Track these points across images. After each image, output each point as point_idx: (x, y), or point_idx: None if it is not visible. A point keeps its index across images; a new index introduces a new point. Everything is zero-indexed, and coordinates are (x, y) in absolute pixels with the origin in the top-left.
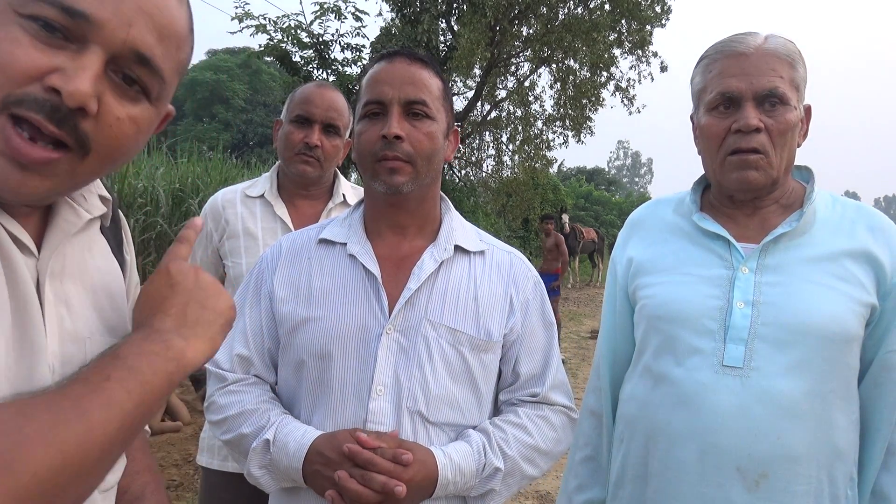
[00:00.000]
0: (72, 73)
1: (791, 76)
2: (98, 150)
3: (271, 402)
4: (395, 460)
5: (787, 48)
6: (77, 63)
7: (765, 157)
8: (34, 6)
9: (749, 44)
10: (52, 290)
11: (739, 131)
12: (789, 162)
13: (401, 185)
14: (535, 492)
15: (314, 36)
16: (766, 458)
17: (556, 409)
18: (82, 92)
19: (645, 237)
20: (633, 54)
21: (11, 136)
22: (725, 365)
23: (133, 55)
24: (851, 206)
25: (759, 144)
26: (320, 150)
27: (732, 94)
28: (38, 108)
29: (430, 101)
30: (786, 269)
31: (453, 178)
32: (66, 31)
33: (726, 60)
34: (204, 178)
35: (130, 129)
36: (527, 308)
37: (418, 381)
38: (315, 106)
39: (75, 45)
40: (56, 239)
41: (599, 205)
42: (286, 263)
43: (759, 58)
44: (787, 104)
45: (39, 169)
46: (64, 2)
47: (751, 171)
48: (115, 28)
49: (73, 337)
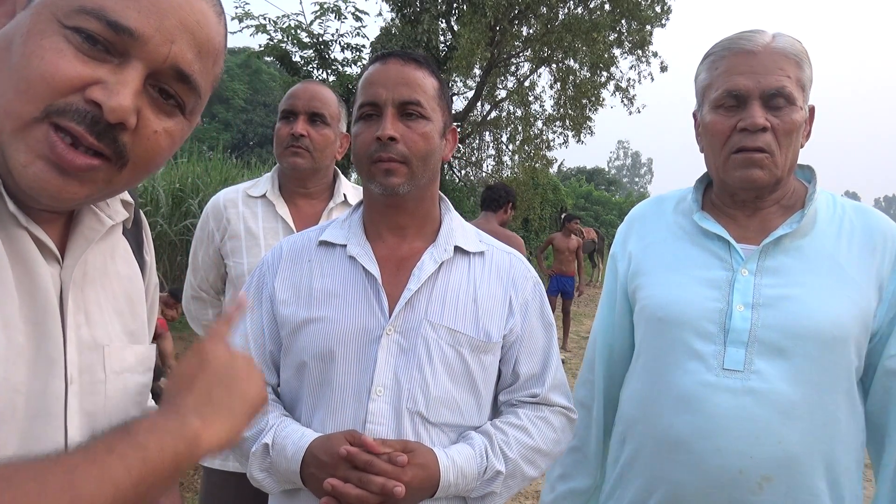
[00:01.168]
0: (113, 87)
1: (798, 76)
2: (135, 162)
3: (271, 404)
4: (389, 462)
5: (794, 47)
6: (118, 77)
7: (770, 157)
8: (79, 19)
9: (757, 42)
10: (73, 299)
11: (745, 130)
12: (793, 162)
13: (396, 187)
14: (535, 491)
15: (314, 36)
16: (768, 461)
17: (556, 409)
18: (124, 108)
19: (645, 235)
20: (633, 54)
21: (56, 143)
22: (726, 368)
23: (173, 72)
24: (853, 208)
25: (765, 144)
26: (308, 140)
27: (739, 92)
28: (80, 120)
29: (424, 101)
30: (786, 271)
31: (453, 178)
32: (109, 44)
33: (734, 58)
34: (204, 178)
35: (166, 143)
36: (526, 309)
37: (418, 383)
38: (297, 98)
39: (117, 59)
40: (80, 247)
41: (599, 205)
42: (287, 266)
43: (768, 56)
44: (794, 104)
45: (80, 175)
46: (109, 16)
47: (756, 169)
48: (158, 44)
49: (91, 345)
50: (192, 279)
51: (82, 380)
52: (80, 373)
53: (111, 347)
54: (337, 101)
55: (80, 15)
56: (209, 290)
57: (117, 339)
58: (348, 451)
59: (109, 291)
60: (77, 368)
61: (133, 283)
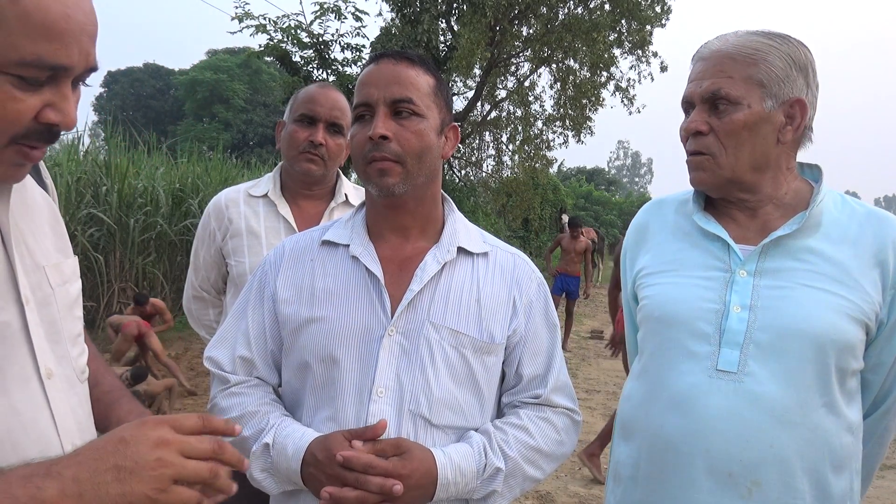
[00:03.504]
0: (61, 106)
1: (748, 74)
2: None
3: (272, 405)
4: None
5: (748, 46)
6: (60, 95)
7: (711, 158)
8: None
9: (711, 47)
10: (14, 236)
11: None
12: (756, 161)
13: (392, 187)
14: (535, 492)
15: (314, 36)
16: (758, 465)
17: (559, 410)
18: (74, 121)
19: (648, 238)
20: (633, 54)
21: (27, 153)
22: (719, 369)
23: (88, 71)
24: (862, 210)
25: (704, 146)
26: (325, 149)
27: (688, 99)
28: (39, 138)
29: (416, 98)
30: (786, 272)
31: (453, 178)
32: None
33: (693, 66)
34: (204, 178)
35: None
36: (530, 310)
37: (420, 384)
38: (319, 105)
39: (54, 82)
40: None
41: (599, 205)
42: (289, 265)
43: (712, 61)
44: (737, 104)
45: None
46: (48, 62)
47: (698, 171)
48: (81, 63)
49: (34, 268)
50: (194, 279)
51: (35, 297)
52: (33, 291)
53: (50, 266)
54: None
55: (22, 67)
56: (210, 290)
57: (53, 258)
58: (345, 456)
59: (36, 219)
60: (29, 289)
61: (49, 206)
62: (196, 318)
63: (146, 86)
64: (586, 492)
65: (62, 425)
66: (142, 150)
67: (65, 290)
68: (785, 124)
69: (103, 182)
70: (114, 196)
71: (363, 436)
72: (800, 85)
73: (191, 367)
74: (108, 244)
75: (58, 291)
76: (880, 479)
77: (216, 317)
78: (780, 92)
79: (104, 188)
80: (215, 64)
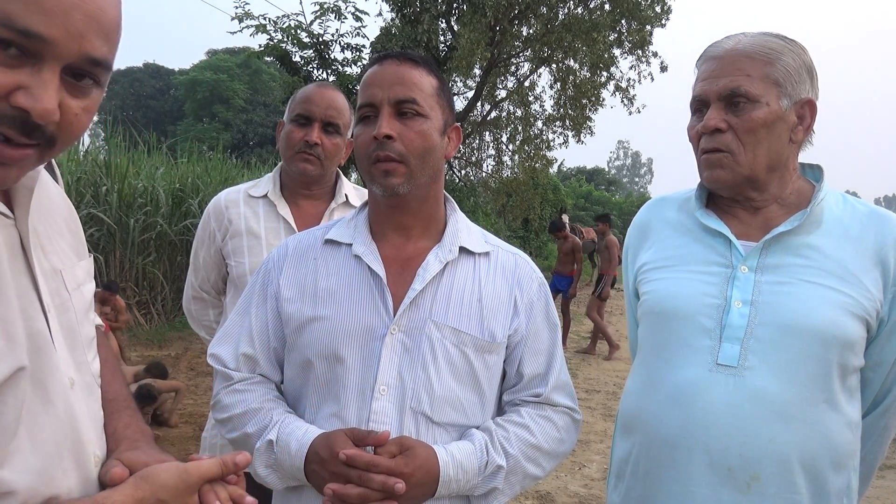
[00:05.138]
0: (36, 91)
1: (765, 73)
2: (63, 140)
3: (275, 402)
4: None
5: (764, 45)
6: (38, 79)
7: (730, 156)
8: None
9: (722, 47)
10: (32, 242)
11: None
12: (771, 160)
13: (396, 187)
14: (535, 492)
15: (314, 36)
16: (757, 460)
17: (559, 409)
18: (49, 111)
19: (650, 235)
20: (633, 54)
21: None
22: (720, 363)
23: (87, 62)
24: (863, 209)
25: (722, 144)
26: (320, 148)
27: (702, 97)
28: (10, 124)
29: (420, 98)
30: (787, 269)
31: (453, 178)
32: (23, 48)
33: (704, 65)
34: (204, 178)
35: (87, 118)
36: (531, 309)
37: (422, 382)
38: (315, 104)
39: (33, 61)
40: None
41: (599, 205)
42: (292, 263)
43: (727, 59)
44: (756, 101)
45: (16, 163)
46: (17, 24)
47: (717, 169)
48: (69, 43)
49: (52, 272)
50: (193, 279)
51: (55, 302)
52: (52, 297)
53: (66, 270)
54: (348, 107)
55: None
56: (210, 291)
57: (68, 260)
58: (347, 454)
59: (52, 219)
60: (48, 295)
61: (68, 205)
62: (196, 319)
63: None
64: (586, 492)
65: (87, 436)
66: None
67: (80, 293)
68: (796, 124)
69: (103, 182)
70: (114, 196)
71: (365, 441)
72: (808, 86)
73: (191, 367)
74: (108, 244)
75: (74, 296)
76: (880, 479)
77: (216, 317)
78: (794, 92)
79: (104, 188)
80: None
